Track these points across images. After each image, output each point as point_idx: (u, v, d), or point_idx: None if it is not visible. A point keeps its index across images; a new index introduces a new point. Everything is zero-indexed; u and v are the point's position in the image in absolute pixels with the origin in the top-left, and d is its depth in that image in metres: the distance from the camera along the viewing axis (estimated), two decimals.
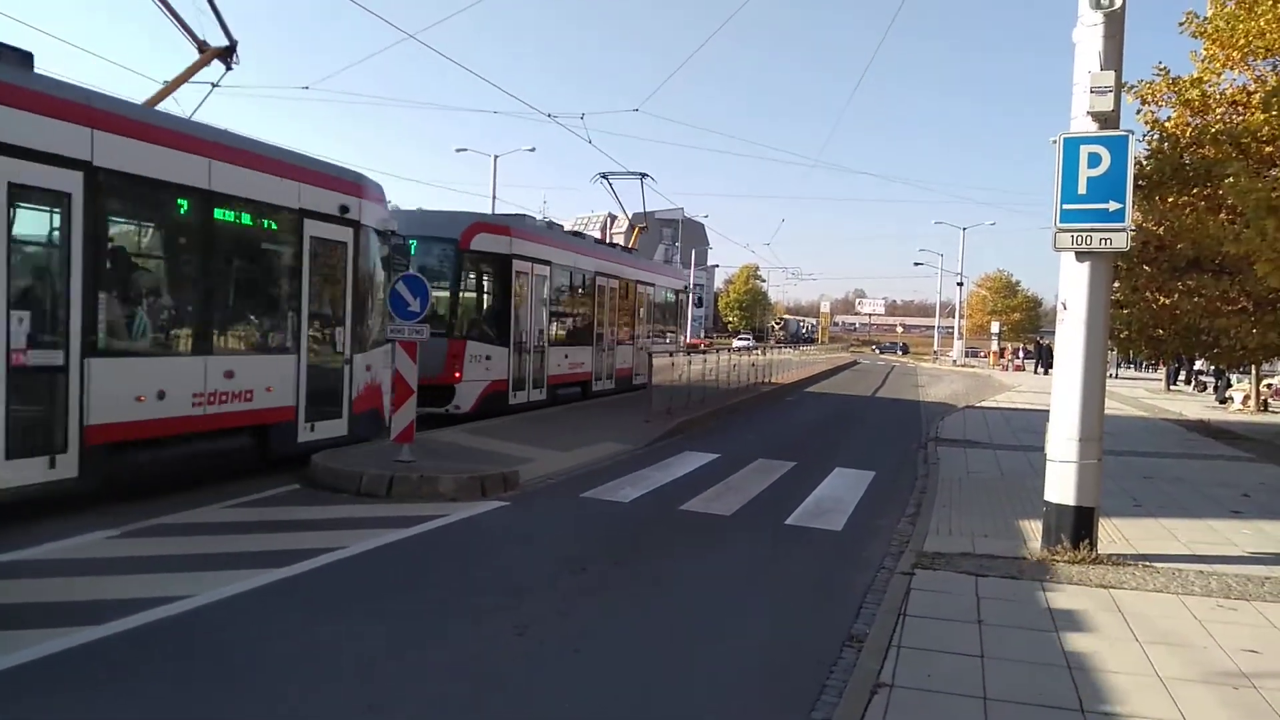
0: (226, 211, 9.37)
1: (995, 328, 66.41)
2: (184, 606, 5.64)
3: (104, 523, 7.52)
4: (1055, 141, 7.37)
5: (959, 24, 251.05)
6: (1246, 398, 26.12)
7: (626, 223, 26.91)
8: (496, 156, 43.09)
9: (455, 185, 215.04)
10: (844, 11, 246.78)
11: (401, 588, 6.49)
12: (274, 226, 10.15)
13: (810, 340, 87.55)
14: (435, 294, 14.69)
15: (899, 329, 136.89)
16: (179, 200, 8.90)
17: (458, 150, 56.86)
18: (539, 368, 17.24)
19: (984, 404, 25.55)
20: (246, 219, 9.73)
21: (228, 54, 10.69)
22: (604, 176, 24.29)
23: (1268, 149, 12.91)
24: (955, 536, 8.23)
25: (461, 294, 15.75)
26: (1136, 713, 4.49)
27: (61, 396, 7.59)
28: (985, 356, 66.03)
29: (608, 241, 25.67)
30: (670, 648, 5.58)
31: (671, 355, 19.55)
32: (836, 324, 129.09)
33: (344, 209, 10.97)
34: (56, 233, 7.70)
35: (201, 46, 10.59)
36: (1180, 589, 6.75)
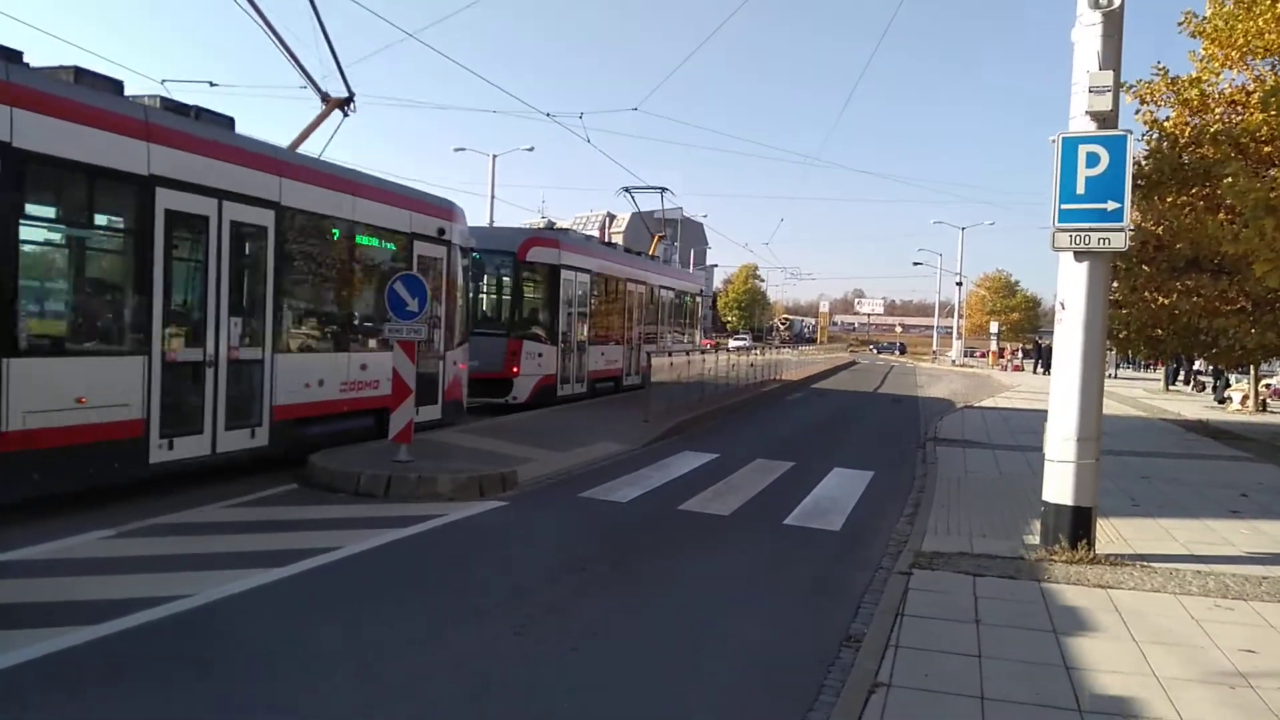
0: (363, 236, 11.83)
1: (994, 328, 66.50)
2: (181, 606, 5.64)
3: (100, 522, 7.51)
4: (1054, 141, 7.37)
5: (958, 25, 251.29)
6: (1245, 398, 26.12)
7: (646, 231, 29.46)
8: (495, 156, 43.05)
9: (453, 185, 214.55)
10: (844, 13, 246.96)
11: (399, 588, 6.49)
12: (393, 247, 12.45)
13: (810, 340, 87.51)
14: (497, 298, 18.28)
15: (898, 329, 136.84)
16: (333, 229, 11.35)
17: (456, 150, 56.80)
18: (580, 364, 19.34)
19: (982, 404, 25.55)
20: (375, 241, 12.12)
21: (346, 103, 12.79)
22: (627, 190, 26.33)
23: (1266, 149, 12.91)
24: (953, 536, 8.23)
25: (519, 299, 17.99)
26: (1134, 713, 4.50)
27: (259, 383, 9.91)
28: (984, 356, 66.06)
29: (607, 241, 26.85)
30: (669, 647, 5.58)
31: (670, 355, 20.03)
32: (836, 324, 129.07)
33: (440, 231, 13.19)
34: (257, 257, 10.01)
35: (325, 97, 12.71)
36: (1178, 589, 6.75)
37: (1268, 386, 28.01)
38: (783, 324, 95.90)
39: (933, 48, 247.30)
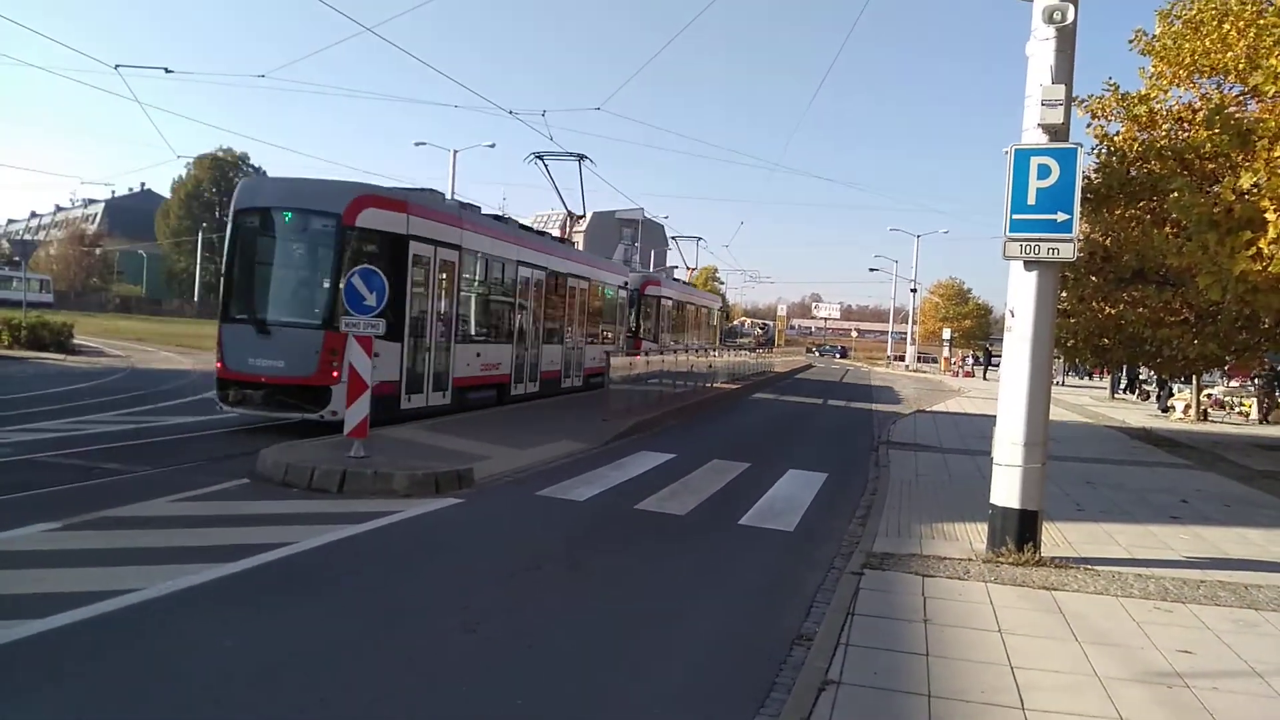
0: (526, 269, 18.85)
1: (946, 334, 67.56)
2: (127, 601, 5.54)
3: (46, 515, 7.34)
4: (1007, 152, 7.51)
5: (915, 36, 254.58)
6: (1188, 407, 26.84)
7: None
8: (456, 151, 42.75)
9: (414, 179, 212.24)
10: (804, 20, 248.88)
11: (352, 584, 6.43)
12: (540, 278, 19.67)
13: (769, 343, 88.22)
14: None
15: (854, 334, 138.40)
16: (503, 264, 17.84)
17: (416, 144, 56.33)
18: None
19: (934, 409, 25.95)
20: (526, 275, 18.90)
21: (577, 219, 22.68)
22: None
23: (1210, 165, 13.26)
24: (904, 538, 8.37)
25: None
26: (1075, 710, 4.62)
27: (448, 362, 15.47)
28: (936, 362, 67.10)
29: (568, 240, 24.79)
30: (623, 645, 5.61)
31: (611, 355, 19.92)
32: (793, 327, 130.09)
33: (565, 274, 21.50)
34: (449, 279, 15.33)
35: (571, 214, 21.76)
36: (1120, 591, 6.94)
37: (1209, 396, 28.79)
38: (761, 328, 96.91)
39: (892, 59, 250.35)
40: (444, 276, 15.09)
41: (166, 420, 13.93)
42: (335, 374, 12.27)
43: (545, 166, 22.67)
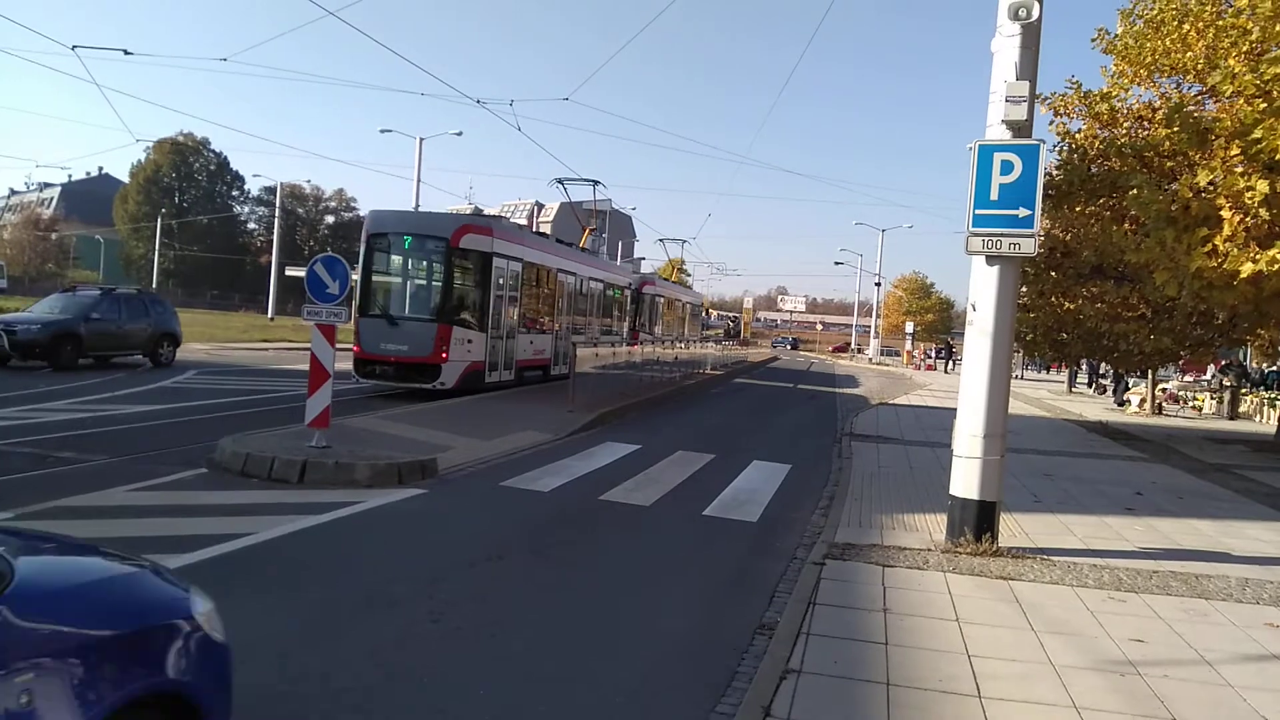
0: (563, 276, 23.11)
1: (909, 328, 68.29)
2: None
3: None
4: (971, 148, 7.59)
5: (882, 30, 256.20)
6: (1143, 401, 27.36)
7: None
8: (422, 139, 42.46)
9: (379, 166, 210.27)
10: (776, 13, 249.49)
11: (313, 575, 6.37)
12: (573, 282, 24.24)
13: (735, 335, 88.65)
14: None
15: (819, 326, 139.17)
16: (548, 272, 21.83)
17: (382, 131, 55.78)
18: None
19: (896, 401, 26.22)
20: (563, 280, 23.14)
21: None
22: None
23: (1169, 163, 13.50)
24: (865, 528, 8.45)
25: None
26: (1030, 698, 4.70)
27: (513, 348, 19.58)
28: (899, 355, 67.82)
29: (535, 230, 27.69)
30: (586, 634, 5.61)
31: (595, 346, 21.11)
32: (759, 320, 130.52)
33: (629, 284, 29.14)
34: (515, 285, 19.47)
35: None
36: (1075, 581, 7.06)
37: (1164, 390, 29.38)
38: (732, 320, 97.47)
39: (859, 53, 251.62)
40: (513, 283, 19.70)
41: (123, 409, 13.69)
42: (445, 355, 17.45)
43: (565, 189, 27.55)
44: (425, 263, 18.65)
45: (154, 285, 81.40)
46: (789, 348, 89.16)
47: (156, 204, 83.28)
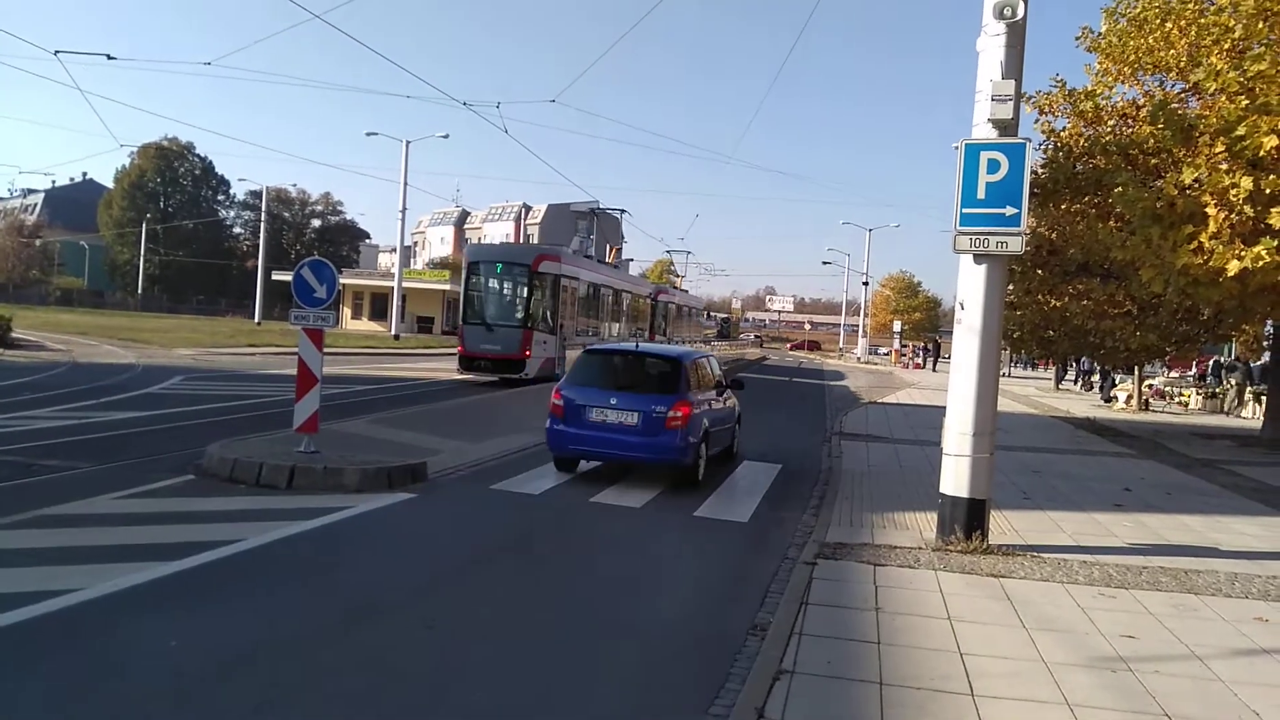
0: (604, 290, 29.80)
1: (897, 327, 68.49)
2: (68, 601, 5.38)
3: None
4: (958, 147, 7.61)
5: (867, 32, 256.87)
6: (1130, 397, 27.51)
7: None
8: (408, 142, 42.46)
9: (365, 170, 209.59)
10: (759, 15, 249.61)
11: (301, 583, 6.32)
12: (611, 294, 31.33)
13: (726, 336, 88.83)
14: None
15: (807, 326, 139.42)
16: (596, 287, 28.87)
17: (368, 134, 55.68)
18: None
19: (885, 400, 26.29)
20: (605, 293, 29.68)
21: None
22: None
23: (1153, 160, 13.58)
24: (856, 528, 8.46)
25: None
26: (1022, 695, 4.70)
27: (563, 349, 24.43)
28: (888, 354, 68.03)
29: (524, 232, 34.01)
30: (580, 638, 5.59)
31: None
32: (748, 320, 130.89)
33: (650, 294, 38.42)
34: (574, 299, 27.11)
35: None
36: (1065, 578, 7.08)
37: (1150, 387, 29.54)
38: (724, 319, 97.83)
39: (847, 51, 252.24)
40: (573, 298, 26.14)
41: (109, 416, 13.59)
42: (528, 354, 23.43)
43: (595, 217, 35.02)
44: (512, 283, 24.73)
45: (139, 291, 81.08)
46: (757, 345, 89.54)
47: (141, 209, 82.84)
